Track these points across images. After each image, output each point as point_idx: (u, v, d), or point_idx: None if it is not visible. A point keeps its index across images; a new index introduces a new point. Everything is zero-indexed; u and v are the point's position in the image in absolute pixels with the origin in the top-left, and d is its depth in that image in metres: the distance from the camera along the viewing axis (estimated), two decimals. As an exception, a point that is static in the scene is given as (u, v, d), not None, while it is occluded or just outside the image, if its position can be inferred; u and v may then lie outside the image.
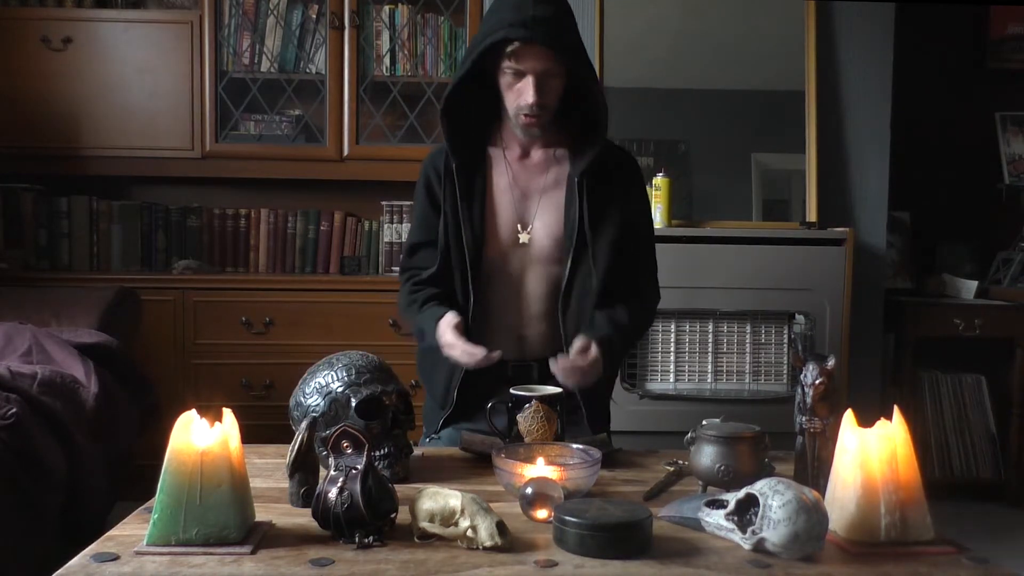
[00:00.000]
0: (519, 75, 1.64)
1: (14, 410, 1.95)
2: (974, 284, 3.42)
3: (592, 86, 1.69)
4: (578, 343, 1.62)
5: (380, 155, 3.31)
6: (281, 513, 1.17)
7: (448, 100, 1.71)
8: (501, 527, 1.05)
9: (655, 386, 2.98)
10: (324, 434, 1.29)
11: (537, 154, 1.78)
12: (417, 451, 1.46)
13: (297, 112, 3.36)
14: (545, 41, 1.59)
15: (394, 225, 3.39)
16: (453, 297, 1.75)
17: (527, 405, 1.45)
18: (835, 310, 2.92)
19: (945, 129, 3.61)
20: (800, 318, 3.00)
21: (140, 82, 3.26)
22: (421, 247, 1.83)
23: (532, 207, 1.76)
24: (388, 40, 3.33)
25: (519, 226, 1.75)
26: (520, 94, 1.65)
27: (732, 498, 1.09)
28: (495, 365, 1.66)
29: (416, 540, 1.08)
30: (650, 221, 1.87)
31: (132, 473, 2.61)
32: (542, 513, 1.13)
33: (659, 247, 2.86)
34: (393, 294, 3.20)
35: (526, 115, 1.66)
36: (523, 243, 1.74)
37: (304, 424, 1.22)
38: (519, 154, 1.78)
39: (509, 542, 1.05)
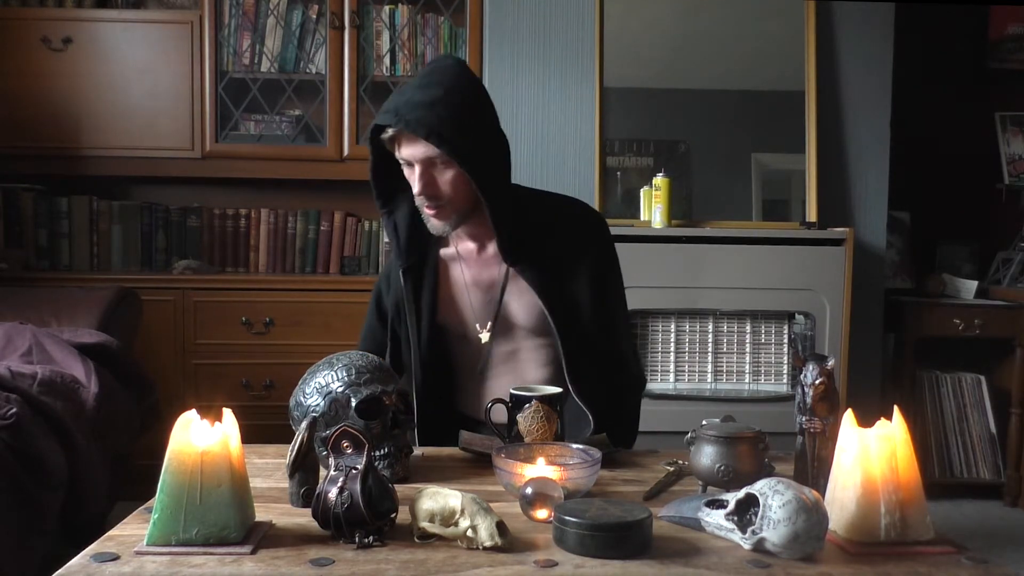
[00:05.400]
0: (409, 165, 1.55)
1: (14, 410, 1.95)
2: (974, 284, 3.42)
3: (474, 175, 1.51)
4: None
5: (380, 155, 3.30)
6: (281, 513, 1.17)
7: (381, 200, 1.64)
8: (501, 527, 1.05)
9: (655, 386, 2.98)
10: (324, 434, 1.29)
11: (491, 246, 1.66)
12: (417, 451, 1.46)
13: (297, 112, 3.36)
14: (411, 127, 1.46)
15: (394, 225, 3.38)
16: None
17: (527, 405, 1.45)
18: (835, 310, 2.92)
19: (945, 129, 3.61)
20: (800, 318, 3.00)
21: (140, 82, 3.27)
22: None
23: (493, 303, 1.66)
24: (388, 40, 3.33)
25: (477, 326, 1.66)
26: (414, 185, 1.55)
27: (732, 498, 1.09)
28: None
29: (416, 540, 1.08)
30: (619, 285, 1.73)
31: (132, 473, 2.61)
32: (542, 513, 1.13)
33: (659, 247, 2.93)
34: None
35: (426, 207, 1.56)
36: (485, 341, 1.66)
37: (304, 424, 1.22)
38: (475, 249, 1.68)
39: (509, 542, 1.05)
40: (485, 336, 1.66)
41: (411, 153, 1.52)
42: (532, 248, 1.63)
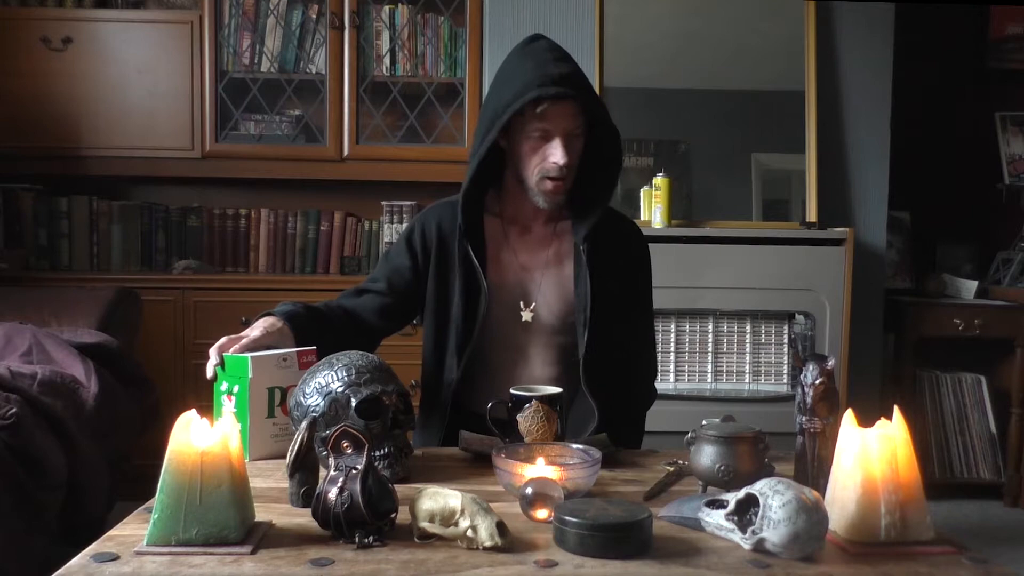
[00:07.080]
0: (545, 137, 1.56)
1: (14, 410, 1.95)
2: (974, 284, 3.42)
3: (616, 143, 1.62)
4: None
5: (380, 155, 3.31)
6: (281, 513, 1.17)
7: (471, 177, 1.61)
8: (501, 527, 1.05)
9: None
10: (324, 434, 1.29)
11: (539, 229, 1.70)
12: (417, 451, 1.46)
13: (297, 112, 3.36)
14: (581, 96, 1.54)
15: (394, 225, 3.39)
16: (347, 328, 1.66)
17: (527, 405, 1.45)
18: (835, 310, 2.92)
19: (945, 129, 3.62)
20: (800, 318, 3.00)
21: (140, 82, 3.27)
22: (367, 293, 1.73)
23: (535, 284, 1.68)
24: (388, 40, 3.33)
25: (521, 303, 1.67)
26: (546, 157, 1.56)
27: (732, 498, 1.09)
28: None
29: (416, 540, 1.08)
30: (651, 297, 1.81)
31: (132, 473, 2.61)
32: (542, 513, 1.13)
33: (659, 247, 2.91)
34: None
35: (552, 178, 1.57)
36: (525, 320, 1.67)
37: (304, 424, 1.22)
38: (520, 229, 1.70)
39: (509, 542, 1.05)
40: (528, 315, 1.66)
41: (561, 123, 1.55)
42: (594, 241, 1.66)
